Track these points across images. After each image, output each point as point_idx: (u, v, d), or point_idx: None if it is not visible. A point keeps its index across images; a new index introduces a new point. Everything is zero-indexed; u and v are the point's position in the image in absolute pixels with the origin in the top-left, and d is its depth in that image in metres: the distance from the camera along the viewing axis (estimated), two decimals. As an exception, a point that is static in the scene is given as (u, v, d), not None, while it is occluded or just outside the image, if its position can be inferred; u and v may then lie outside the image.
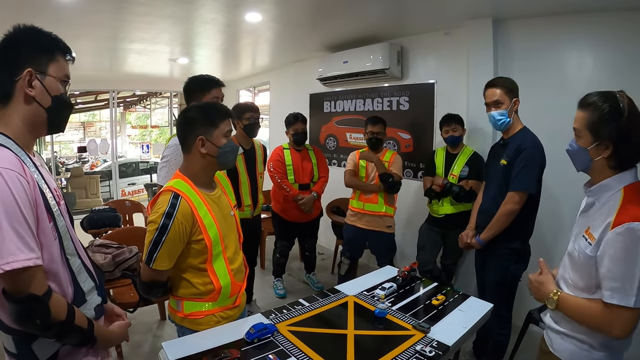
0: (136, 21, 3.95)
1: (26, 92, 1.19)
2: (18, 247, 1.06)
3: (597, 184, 1.49)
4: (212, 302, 1.81)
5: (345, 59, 4.73)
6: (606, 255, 1.35)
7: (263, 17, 3.83)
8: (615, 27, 2.99)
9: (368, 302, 2.18)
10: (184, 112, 1.85)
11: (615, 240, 1.32)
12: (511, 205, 2.51)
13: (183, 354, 1.61)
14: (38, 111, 1.23)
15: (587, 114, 1.46)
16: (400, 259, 4.43)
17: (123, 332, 1.49)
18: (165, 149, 2.50)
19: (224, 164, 1.84)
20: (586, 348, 1.48)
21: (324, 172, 4.17)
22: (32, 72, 1.18)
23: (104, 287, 1.50)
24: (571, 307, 1.48)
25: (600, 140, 1.43)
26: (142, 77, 7.49)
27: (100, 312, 1.42)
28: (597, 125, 1.43)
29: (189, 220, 1.68)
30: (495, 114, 2.56)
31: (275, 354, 1.63)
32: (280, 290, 4.27)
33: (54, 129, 1.32)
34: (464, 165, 3.51)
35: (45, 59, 1.22)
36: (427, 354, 1.67)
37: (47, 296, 1.13)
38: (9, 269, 1.04)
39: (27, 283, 1.09)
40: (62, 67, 1.27)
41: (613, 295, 1.32)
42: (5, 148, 1.14)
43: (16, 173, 1.09)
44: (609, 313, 1.35)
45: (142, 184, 10.76)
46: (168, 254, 1.67)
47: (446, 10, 3.57)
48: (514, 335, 2.73)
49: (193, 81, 2.61)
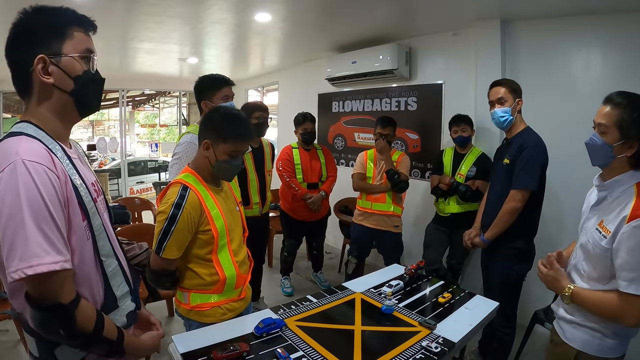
0: (146, 21, 3.99)
1: (43, 80, 1.07)
2: (44, 249, 0.95)
3: (611, 179, 1.55)
4: (218, 294, 1.85)
5: (354, 59, 4.75)
6: (622, 248, 1.41)
7: (272, 17, 3.86)
8: (622, 28, 2.99)
9: (375, 299, 2.20)
10: (212, 111, 1.91)
11: (632, 233, 1.39)
12: (513, 203, 2.52)
13: (193, 347, 1.64)
14: (62, 97, 1.12)
15: (618, 112, 1.50)
16: (407, 258, 4.44)
17: (155, 343, 1.38)
18: (176, 146, 2.54)
19: (217, 175, 1.88)
20: (599, 336, 1.54)
21: (332, 172, 4.19)
22: (44, 59, 1.07)
23: (138, 292, 1.40)
24: (586, 300, 1.54)
25: (627, 139, 1.48)
26: (151, 76, 7.55)
27: (133, 320, 1.32)
28: (627, 124, 1.48)
29: (197, 210, 1.73)
30: (499, 111, 2.58)
31: (284, 348, 1.66)
32: (288, 288, 4.30)
33: (86, 111, 1.21)
34: (471, 165, 3.53)
35: (56, 38, 1.09)
36: (433, 349, 1.70)
37: (74, 304, 1.02)
38: (32, 273, 0.93)
39: (52, 289, 0.98)
40: (79, 42, 1.13)
41: (630, 285, 1.39)
42: (35, 139, 1.04)
43: (44, 167, 0.99)
44: (624, 303, 1.42)
45: (151, 183, 10.82)
46: (177, 243, 1.72)
47: (454, 11, 3.58)
48: (520, 335, 2.75)
49: (204, 80, 2.65)
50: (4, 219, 0.94)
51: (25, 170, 0.96)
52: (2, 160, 0.97)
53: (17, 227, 0.93)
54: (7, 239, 0.94)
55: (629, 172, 1.52)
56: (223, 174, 1.89)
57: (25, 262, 0.93)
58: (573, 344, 1.61)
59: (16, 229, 0.93)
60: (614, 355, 1.56)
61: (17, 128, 1.07)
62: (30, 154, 0.99)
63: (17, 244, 0.93)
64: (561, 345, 1.66)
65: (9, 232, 0.94)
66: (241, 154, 1.87)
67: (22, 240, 0.93)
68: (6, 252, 0.94)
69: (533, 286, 2.54)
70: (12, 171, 0.95)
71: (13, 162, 0.96)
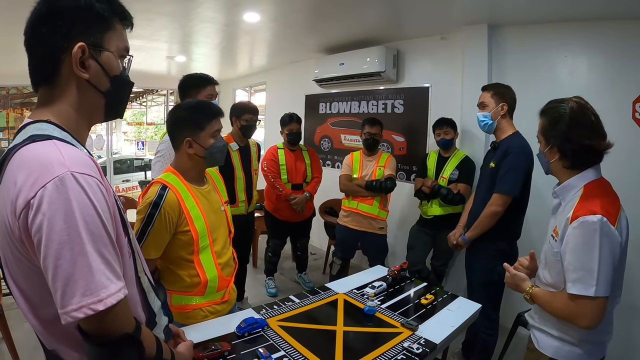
0: (135, 17, 3.90)
1: (78, 74, 0.91)
2: (107, 277, 0.80)
3: (561, 184, 1.62)
4: (199, 297, 1.83)
5: (342, 61, 4.76)
6: (567, 250, 1.45)
7: (261, 17, 3.86)
8: (607, 35, 3.04)
9: (358, 299, 2.21)
10: (174, 111, 1.88)
11: (573, 234, 1.43)
12: (494, 207, 2.57)
13: (174, 346, 1.63)
14: (94, 97, 0.97)
15: (542, 121, 1.62)
16: (391, 260, 4.46)
17: (191, 354, 1.29)
18: (159, 144, 2.53)
19: (211, 163, 1.89)
20: (568, 344, 1.55)
21: (317, 173, 4.20)
22: (84, 48, 0.90)
23: (167, 303, 1.32)
24: (541, 300, 1.59)
25: (551, 144, 1.57)
26: (139, 73, 7.45)
27: (169, 335, 1.24)
28: (546, 130, 1.59)
29: (176, 210, 1.71)
30: (479, 115, 2.68)
31: (265, 348, 1.66)
32: (272, 288, 4.29)
33: (112, 115, 1.06)
34: (454, 168, 3.56)
35: (100, 28, 0.94)
36: (415, 350, 1.71)
37: (139, 331, 0.90)
38: (103, 308, 0.78)
39: (116, 320, 0.84)
40: (121, 38, 1.01)
41: (575, 285, 1.42)
42: (69, 145, 0.86)
43: (95, 179, 0.83)
44: (573, 304, 1.44)
45: (137, 181, 10.72)
46: (154, 243, 1.71)
47: (442, 15, 3.61)
48: (503, 337, 2.77)
49: (187, 79, 2.67)
50: (55, 246, 0.76)
51: (77, 186, 0.79)
52: (39, 173, 0.78)
53: (76, 255, 0.77)
54: (63, 271, 0.77)
55: (577, 175, 1.55)
56: (216, 159, 1.87)
57: (92, 297, 0.78)
58: (545, 352, 1.62)
59: (75, 258, 0.77)
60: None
61: (38, 130, 0.88)
62: (78, 164, 0.82)
63: (77, 275, 0.77)
64: (534, 352, 1.68)
65: (64, 262, 0.77)
66: (219, 132, 1.87)
67: (84, 271, 0.78)
68: (61, 287, 0.77)
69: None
70: (60, 187, 0.77)
71: (59, 175, 0.78)
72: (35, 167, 0.79)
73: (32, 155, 0.81)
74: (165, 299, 1.31)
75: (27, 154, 0.82)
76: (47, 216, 0.76)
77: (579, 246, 1.41)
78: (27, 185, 0.78)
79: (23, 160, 0.82)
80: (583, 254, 1.40)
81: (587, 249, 1.39)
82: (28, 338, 2.93)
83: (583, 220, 1.40)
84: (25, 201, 0.77)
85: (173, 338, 1.32)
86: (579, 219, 1.41)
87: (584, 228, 1.40)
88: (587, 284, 1.38)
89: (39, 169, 0.78)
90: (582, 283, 1.39)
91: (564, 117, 1.52)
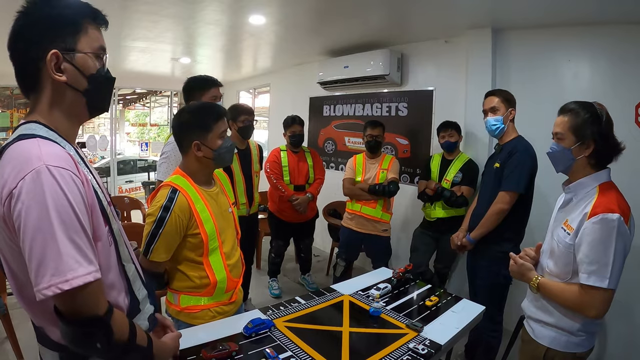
0: (141, 19, 3.98)
1: (55, 78, 0.99)
2: (76, 261, 0.88)
3: (576, 181, 1.68)
4: (208, 297, 1.85)
5: (346, 63, 4.78)
6: (584, 243, 1.53)
7: (267, 20, 3.88)
8: (610, 40, 3.05)
9: (363, 301, 2.22)
10: (179, 115, 1.89)
11: (592, 229, 1.51)
12: (501, 204, 2.60)
13: (182, 346, 1.63)
14: (74, 97, 1.05)
15: (570, 118, 1.66)
16: (395, 262, 4.46)
17: (176, 345, 1.36)
18: (165, 145, 2.54)
19: (220, 164, 1.90)
20: (565, 334, 1.65)
21: (319, 174, 4.22)
22: (57, 55, 0.98)
23: (155, 293, 1.37)
24: (551, 290, 1.66)
25: (583, 141, 1.62)
26: (143, 75, 7.49)
27: (154, 323, 1.30)
28: (580, 127, 1.63)
29: (186, 213, 1.73)
30: (491, 119, 2.68)
31: (273, 348, 1.67)
32: (276, 290, 4.31)
33: (96, 111, 1.14)
34: (457, 171, 3.57)
35: (71, 32, 1.01)
36: (420, 351, 1.72)
37: (109, 315, 0.96)
38: (69, 287, 0.86)
39: (86, 302, 0.91)
40: (94, 38, 1.06)
41: (590, 277, 1.50)
42: (52, 142, 0.96)
43: (69, 172, 0.92)
44: (585, 294, 1.53)
45: (140, 182, 10.75)
46: (165, 246, 1.72)
47: (446, 19, 3.62)
48: (506, 339, 2.78)
49: (192, 81, 2.68)
50: (30, 232, 0.86)
51: (50, 178, 0.88)
52: (21, 166, 0.88)
53: (47, 240, 0.86)
54: (36, 254, 0.86)
55: (592, 175, 1.65)
56: (225, 159, 1.88)
57: (60, 277, 0.85)
58: (542, 342, 1.71)
59: (46, 242, 0.86)
60: (582, 350, 1.66)
61: (26, 130, 0.98)
62: (54, 158, 0.91)
63: (48, 258, 0.86)
64: (531, 343, 1.76)
65: (37, 246, 0.86)
66: (226, 133, 1.88)
67: (54, 254, 0.86)
68: (35, 267, 0.86)
69: (520, 290, 2.57)
70: (36, 179, 0.87)
71: (35, 168, 0.87)
72: (19, 161, 0.89)
73: (18, 151, 0.92)
74: (153, 289, 1.37)
75: (14, 150, 0.93)
76: (25, 204, 0.86)
77: (597, 241, 1.50)
78: (11, 177, 0.88)
79: (11, 155, 0.92)
80: (600, 248, 1.49)
81: (605, 244, 1.49)
82: (32, 337, 2.91)
83: (603, 217, 1.50)
84: (9, 191, 0.88)
85: (162, 328, 1.39)
86: (599, 215, 1.50)
87: (604, 224, 1.49)
88: (602, 276, 1.48)
89: (20, 163, 0.89)
90: (597, 275, 1.49)
91: (603, 116, 1.61)
